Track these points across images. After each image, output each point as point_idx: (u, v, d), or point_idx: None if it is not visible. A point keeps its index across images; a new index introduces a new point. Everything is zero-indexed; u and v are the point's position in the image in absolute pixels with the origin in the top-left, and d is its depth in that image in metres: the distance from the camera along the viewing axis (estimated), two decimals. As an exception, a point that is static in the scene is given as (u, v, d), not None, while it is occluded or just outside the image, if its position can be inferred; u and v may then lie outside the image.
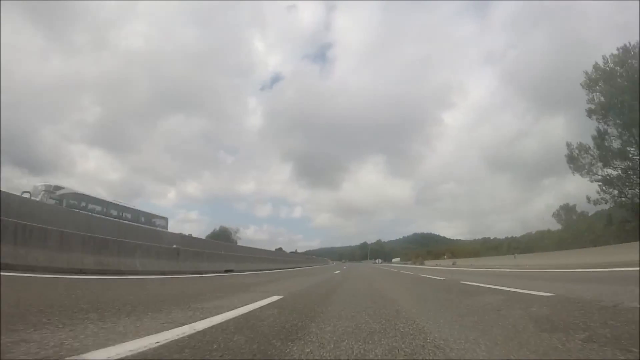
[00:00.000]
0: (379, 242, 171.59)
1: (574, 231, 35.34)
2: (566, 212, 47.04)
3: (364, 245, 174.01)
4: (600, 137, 25.94)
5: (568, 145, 27.93)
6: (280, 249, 64.29)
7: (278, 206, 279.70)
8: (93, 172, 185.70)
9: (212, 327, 2.06)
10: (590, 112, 26.41)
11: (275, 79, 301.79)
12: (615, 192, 26.07)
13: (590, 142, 26.60)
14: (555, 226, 47.44)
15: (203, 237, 35.79)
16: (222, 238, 54.48)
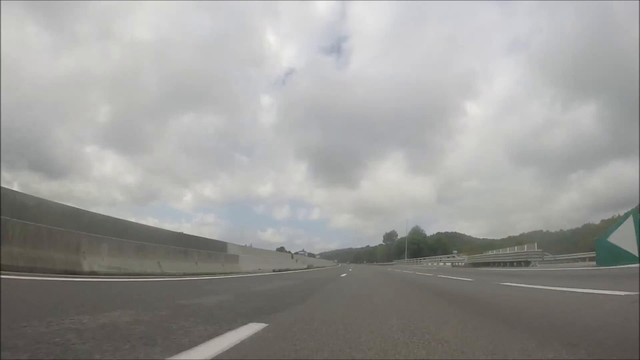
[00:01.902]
0: (416, 230, 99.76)
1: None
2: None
3: (390, 236, 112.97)
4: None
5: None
6: (281, 248, 53.03)
7: (296, 208, 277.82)
8: (110, 175, 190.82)
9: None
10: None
11: (289, 71, 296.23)
12: None
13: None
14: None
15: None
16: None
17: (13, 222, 5.11)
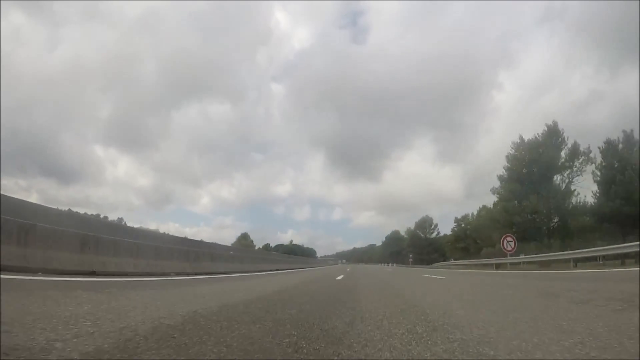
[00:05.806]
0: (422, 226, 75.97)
1: None
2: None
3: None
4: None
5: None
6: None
7: (316, 208, 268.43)
8: (123, 178, 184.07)
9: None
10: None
11: (301, 51, 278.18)
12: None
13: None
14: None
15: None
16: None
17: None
